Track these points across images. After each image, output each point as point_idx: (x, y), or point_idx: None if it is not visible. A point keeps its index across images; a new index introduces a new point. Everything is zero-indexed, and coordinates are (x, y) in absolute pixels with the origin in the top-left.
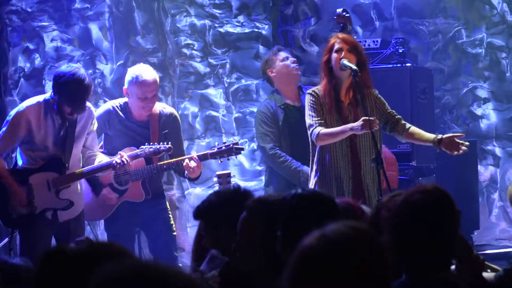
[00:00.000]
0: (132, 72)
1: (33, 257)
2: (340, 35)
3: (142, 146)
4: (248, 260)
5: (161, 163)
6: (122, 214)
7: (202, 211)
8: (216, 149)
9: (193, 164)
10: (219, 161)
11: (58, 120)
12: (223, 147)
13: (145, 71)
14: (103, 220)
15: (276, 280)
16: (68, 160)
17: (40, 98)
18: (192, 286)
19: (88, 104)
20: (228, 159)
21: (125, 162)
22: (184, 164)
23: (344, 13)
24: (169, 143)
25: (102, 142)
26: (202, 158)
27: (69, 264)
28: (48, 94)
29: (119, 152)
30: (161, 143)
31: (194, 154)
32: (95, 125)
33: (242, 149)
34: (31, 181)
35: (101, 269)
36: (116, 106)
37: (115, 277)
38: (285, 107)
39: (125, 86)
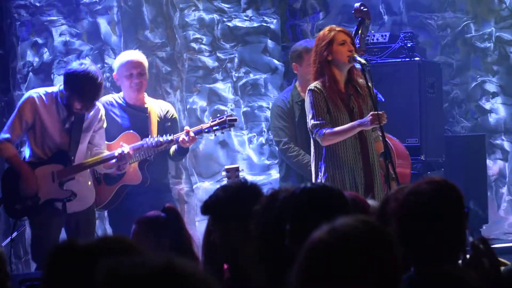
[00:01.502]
0: (118, 58)
1: (43, 248)
2: (336, 27)
3: (145, 138)
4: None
5: (143, 142)
6: (125, 208)
7: (209, 206)
8: (209, 123)
9: (189, 137)
10: (214, 135)
11: (64, 113)
12: (217, 120)
13: (129, 52)
14: (107, 213)
15: (284, 275)
16: (74, 153)
17: (48, 89)
18: (207, 283)
19: (98, 104)
20: (222, 133)
21: (128, 153)
22: (180, 139)
23: (362, 7)
24: (172, 134)
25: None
26: (197, 133)
27: (79, 259)
28: (56, 87)
29: (121, 142)
30: (164, 135)
31: (188, 128)
32: (104, 123)
33: (235, 120)
34: (37, 173)
35: (109, 265)
36: (116, 97)
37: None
38: (302, 103)
39: (114, 73)
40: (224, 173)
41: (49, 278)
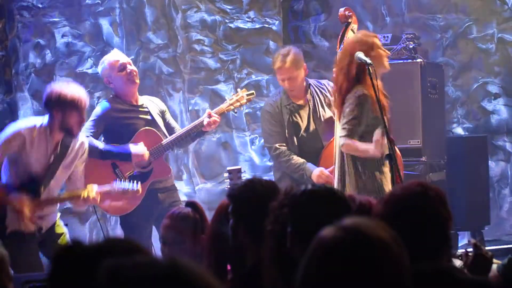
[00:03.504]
0: (100, 62)
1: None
2: (370, 32)
3: (113, 184)
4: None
5: (179, 132)
6: (139, 208)
7: (234, 196)
8: (228, 102)
9: (213, 118)
10: (234, 112)
11: (52, 146)
12: (234, 98)
13: (109, 54)
14: (118, 217)
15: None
16: (48, 184)
17: (38, 121)
18: (212, 285)
19: (82, 137)
20: (241, 108)
21: (93, 198)
22: (206, 122)
23: (347, 12)
24: (138, 184)
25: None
26: (219, 112)
27: (84, 260)
28: (46, 118)
29: (87, 185)
30: (132, 183)
31: (210, 111)
32: (85, 157)
33: (253, 93)
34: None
35: (112, 266)
36: (111, 101)
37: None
38: (290, 107)
39: (104, 77)
40: (226, 175)
41: (54, 280)
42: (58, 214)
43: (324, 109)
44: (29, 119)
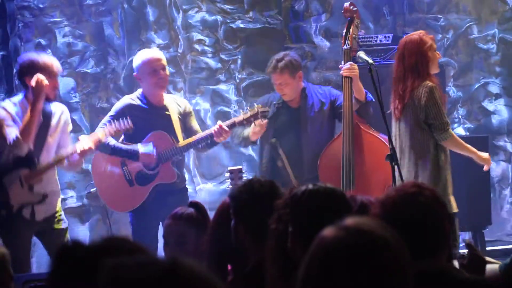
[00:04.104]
0: (137, 56)
1: (14, 260)
2: (427, 33)
3: (103, 127)
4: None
5: (188, 141)
6: (150, 208)
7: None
8: (242, 116)
9: (223, 131)
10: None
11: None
12: (249, 113)
13: (148, 50)
14: (129, 213)
15: (286, 277)
16: (39, 155)
17: (16, 99)
18: (213, 285)
19: (61, 105)
20: (254, 123)
21: (89, 148)
22: (214, 132)
23: (351, 7)
24: (129, 121)
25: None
26: (230, 126)
27: (84, 260)
28: (19, 96)
29: (79, 137)
30: (122, 119)
31: (221, 123)
32: (70, 126)
33: (267, 111)
34: (5, 181)
35: (112, 266)
36: (134, 98)
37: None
38: (279, 106)
39: (135, 73)
40: (227, 175)
41: (54, 279)
42: (59, 204)
43: (319, 114)
44: (6, 101)
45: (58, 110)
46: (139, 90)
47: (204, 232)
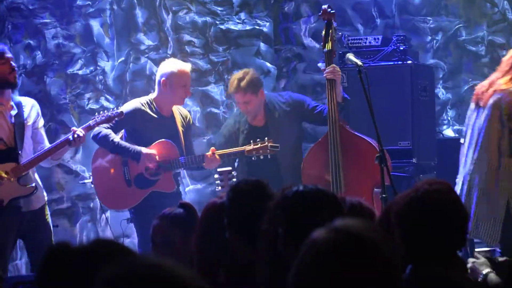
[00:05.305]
0: (170, 64)
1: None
2: None
3: (93, 117)
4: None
5: (187, 158)
6: (150, 208)
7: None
8: (251, 147)
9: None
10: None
11: (6, 109)
12: (259, 144)
13: (184, 63)
14: (130, 212)
15: (277, 279)
16: (21, 147)
17: None
18: (197, 285)
19: (31, 100)
20: (261, 157)
21: (81, 135)
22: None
23: (329, 9)
24: (119, 108)
25: (122, 135)
26: (228, 156)
27: (73, 262)
28: None
29: (72, 128)
30: (112, 109)
31: (214, 149)
32: (42, 121)
33: (277, 147)
34: None
35: (107, 268)
36: (144, 104)
37: (121, 277)
38: (246, 131)
39: (163, 78)
40: (216, 176)
41: (43, 281)
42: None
43: (285, 120)
44: None
45: (28, 103)
46: (150, 96)
47: (192, 232)
